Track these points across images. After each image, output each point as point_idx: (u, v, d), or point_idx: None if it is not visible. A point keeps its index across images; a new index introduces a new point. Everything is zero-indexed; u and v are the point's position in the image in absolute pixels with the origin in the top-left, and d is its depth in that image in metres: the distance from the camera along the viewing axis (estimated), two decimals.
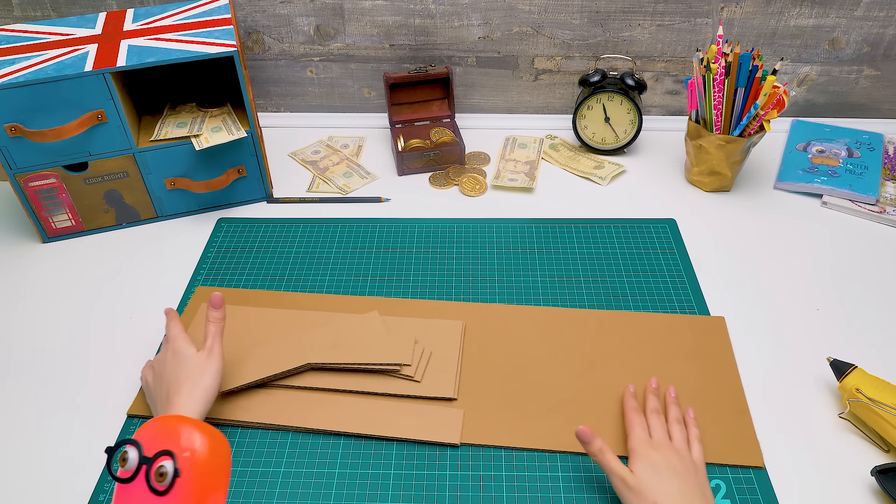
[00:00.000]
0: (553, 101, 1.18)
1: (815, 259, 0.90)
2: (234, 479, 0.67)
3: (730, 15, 1.06)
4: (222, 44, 0.89)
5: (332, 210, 1.00)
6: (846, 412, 0.71)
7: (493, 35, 1.10)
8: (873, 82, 1.12)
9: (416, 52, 1.13)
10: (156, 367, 0.71)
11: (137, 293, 0.88)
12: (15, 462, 0.70)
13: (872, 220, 0.96)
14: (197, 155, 0.94)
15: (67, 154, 0.89)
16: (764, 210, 0.98)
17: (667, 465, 0.62)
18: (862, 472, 0.66)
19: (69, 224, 0.95)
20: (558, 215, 0.98)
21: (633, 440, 0.65)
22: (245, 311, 0.82)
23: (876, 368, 0.74)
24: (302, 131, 1.17)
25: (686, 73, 1.12)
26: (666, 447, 0.64)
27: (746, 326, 0.81)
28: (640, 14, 1.07)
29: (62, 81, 0.83)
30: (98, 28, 0.94)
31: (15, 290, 0.89)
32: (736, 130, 0.95)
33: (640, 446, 0.64)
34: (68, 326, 0.84)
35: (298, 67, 1.15)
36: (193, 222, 0.99)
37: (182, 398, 0.63)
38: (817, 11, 1.05)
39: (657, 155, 1.10)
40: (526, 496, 0.65)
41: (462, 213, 0.99)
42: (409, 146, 1.07)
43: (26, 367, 0.79)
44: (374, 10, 1.08)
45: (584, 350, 0.78)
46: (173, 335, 0.70)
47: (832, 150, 1.06)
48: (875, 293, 0.85)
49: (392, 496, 0.66)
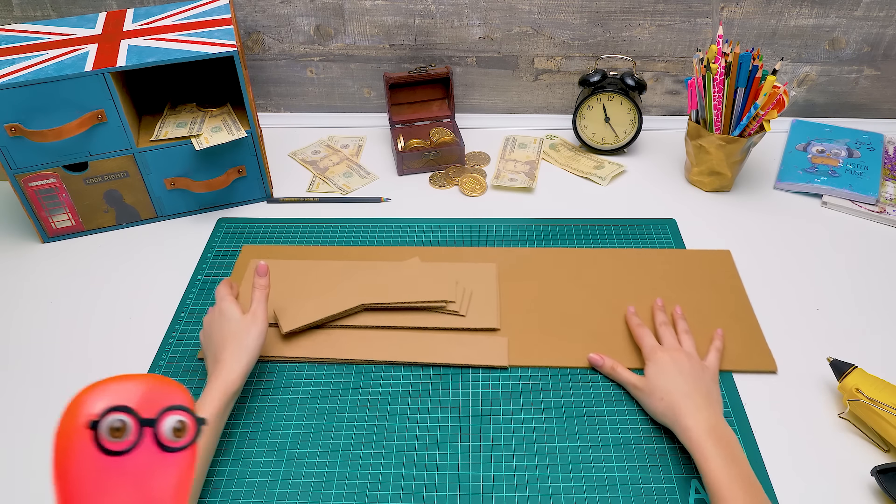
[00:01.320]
0: (553, 101, 1.18)
1: (815, 259, 0.90)
2: (234, 479, 0.67)
3: (730, 15, 1.06)
4: (222, 44, 0.89)
5: (332, 210, 1.00)
6: (846, 412, 0.71)
7: (493, 35, 1.10)
8: (873, 82, 1.12)
9: (416, 52, 1.13)
10: (206, 326, 0.75)
11: (137, 293, 0.88)
12: (15, 463, 0.70)
13: (872, 220, 0.96)
14: (197, 155, 0.94)
15: (67, 154, 0.89)
16: (764, 210, 0.98)
17: (674, 365, 0.69)
18: (862, 472, 0.66)
19: (69, 224, 0.95)
20: (558, 215, 0.98)
21: (645, 348, 0.74)
22: (293, 265, 0.88)
23: (876, 368, 0.74)
24: (302, 131, 1.17)
25: (686, 73, 1.12)
26: (675, 350, 0.72)
27: None
28: (640, 14, 1.07)
29: (62, 81, 0.83)
30: (98, 28, 0.94)
31: (15, 290, 0.89)
32: (736, 130, 0.95)
33: (651, 352, 0.72)
34: (68, 326, 0.84)
35: (298, 67, 1.15)
36: (193, 222, 0.99)
37: (228, 355, 0.69)
38: (817, 11, 1.05)
39: (657, 155, 1.10)
40: (526, 496, 0.65)
41: (462, 213, 0.99)
42: (409, 146, 1.07)
43: (26, 368, 0.79)
44: (374, 10, 1.08)
45: (604, 284, 0.86)
46: (220, 296, 0.75)
47: (832, 150, 1.06)
48: (875, 293, 0.85)
49: (392, 496, 0.66)
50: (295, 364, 0.78)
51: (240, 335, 0.70)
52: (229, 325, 0.71)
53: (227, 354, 0.69)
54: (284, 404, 0.74)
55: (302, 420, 0.73)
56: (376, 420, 0.73)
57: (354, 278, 0.84)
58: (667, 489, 0.66)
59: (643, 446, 0.69)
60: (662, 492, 0.65)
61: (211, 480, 0.67)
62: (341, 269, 0.88)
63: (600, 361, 0.74)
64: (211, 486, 0.67)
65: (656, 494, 0.65)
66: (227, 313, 0.72)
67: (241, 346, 0.70)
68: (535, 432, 0.71)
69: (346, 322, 0.80)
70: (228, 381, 0.67)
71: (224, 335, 0.71)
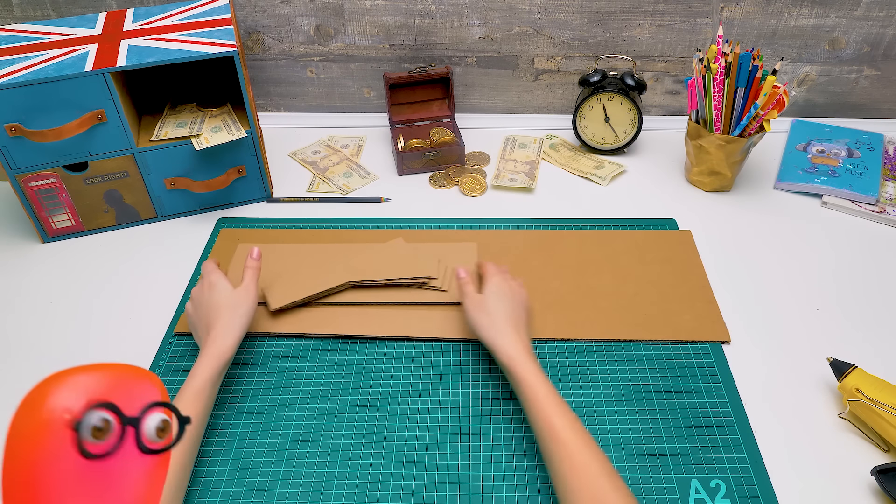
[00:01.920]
0: (553, 101, 1.18)
1: (815, 259, 0.90)
2: (234, 479, 0.67)
3: (730, 15, 1.06)
4: (222, 44, 0.89)
5: (332, 210, 1.00)
6: (846, 412, 0.71)
7: (493, 35, 1.10)
8: (873, 82, 1.12)
9: (416, 52, 1.13)
10: (194, 298, 0.76)
11: (137, 293, 0.88)
12: None
13: (872, 220, 0.96)
14: (197, 155, 0.94)
15: (67, 154, 0.89)
16: (764, 210, 0.98)
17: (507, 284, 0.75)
18: (862, 472, 0.66)
19: (69, 224, 0.95)
20: (558, 215, 0.98)
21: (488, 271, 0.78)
22: (280, 248, 0.91)
23: (876, 368, 0.73)
24: (302, 131, 1.17)
25: (686, 73, 1.12)
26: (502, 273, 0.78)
27: (746, 326, 0.81)
28: (640, 14, 1.07)
29: (62, 81, 0.83)
30: (98, 28, 0.94)
31: (15, 290, 0.89)
32: (736, 130, 0.95)
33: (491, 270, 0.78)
34: (68, 326, 0.84)
35: (298, 67, 1.15)
36: (193, 222, 0.99)
37: (222, 324, 0.71)
38: (817, 11, 1.05)
39: (657, 155, 1.10)
40: (526, 496, 0.65)
41: (462, 213, 0.99)
42: (409, 146, 1.07)
43: (26, 368, 0.79)
44: (374, 10, 1.08)
45: (572, 261, 0.90)
46: (208, 271, 0.76)
47: (832, 150, 1.06)
48: (875, 293, 0.85)
49: (392, 496, 0.66)
50: (295, 364, 0.78)
51: (233, 306, 0.72)
52: (220, 296, 0.73)
53: (220, 324, 0.71)
54: (284, 404, 0.74)
55: (302, 420, 0.73)
56: (376, 420, 0.73)
57: (340, 258, 0.86)
58: (667, 489, 0.66)
59: (643, 446, 0.69)
60: (662, 492, 0.65)
61: (211, 480, 0.67)
62: (327, 250, 0.91)
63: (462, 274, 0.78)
64: (211, 486, 0.67)
65: (656, 494, 0.65)
66: (217, 285, 0.74)
67: (234, 315, 0.72)
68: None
69: (332, 299, 0.83)
70: (222, 349, 0.69)
71: (217, 306, 0.72)
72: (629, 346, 0.79)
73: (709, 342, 0.79)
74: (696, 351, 0.78)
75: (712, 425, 0.71)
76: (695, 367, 0.77)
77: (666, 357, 0.78)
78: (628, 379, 0.76)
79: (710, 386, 0.75)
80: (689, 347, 0.79)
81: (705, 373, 0.76)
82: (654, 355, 0.78)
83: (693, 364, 0.77)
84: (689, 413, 0.72)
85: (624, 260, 0.89)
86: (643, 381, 0.75)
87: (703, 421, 0.71)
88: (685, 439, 0.70)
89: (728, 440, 0.69)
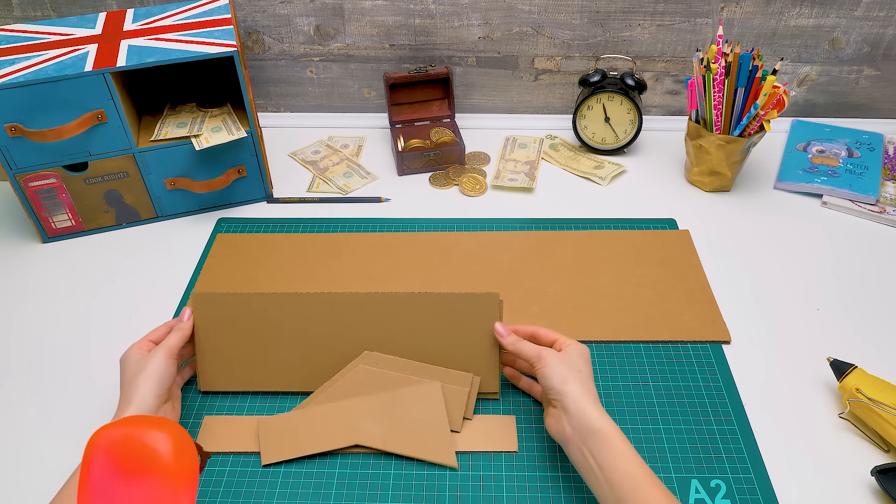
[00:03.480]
0: (553, 101, 1.18)
1: (815, 259, 0.90)
2: (233, 479, 0.67)
3: (730, 15, 1.06)
4: (222, 44, 0.89)
5: (332, 210, 1.00)
6: (846, 412, 0.71)
7: (493, 35, 1.10)
8: (873, 82, 1.12)
9: (416, 52, 1.13)
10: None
11: (137, 293, 0.88)
12: (14, 463, 0.70)
13: (872, 220, 0.96)
14: (197, 155, 0.94)
15: (67, 154, 0.89)
16: (764, 210, 0.98)
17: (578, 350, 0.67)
18: (862, 472, 0.66)
19: (69, 224, 0.95)
20: (558, 215, 0.98)
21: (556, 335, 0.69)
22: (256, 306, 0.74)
23: (876, 368, 0.73)
24: (302, 131, 1.17)
25: (686, 73, 1.12)
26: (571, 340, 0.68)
27: (746, 326, 0.81)
28: (640, 14, 1.07)
29: (62, 81, 0.83)
30: (98, 28, 0.94)
31: (15, 290, 0.89)
32: (736, 130, 0.95)
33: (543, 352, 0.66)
34: (68, 326, 0.84)
35: (298, 67, 1.15)
36: (193, 222, 0.99)
37: (122, 395, 0.66)
38: (817, 11, 1.05)
39: (657, 155, 1.10)
40: (526, 496, 0.65)
41: (462, 213, 0.99)
42: (409, 146, 1.07)
43: (26, 368, 0.79)
44: (374, 10, 1.08)
45: (572, 261, 0.89)
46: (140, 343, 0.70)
47: (832, 150, 1.06)
48: (875, 293, 0.85)
49: (392, 496, 0.66)
50: None
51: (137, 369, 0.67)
52: (128, 363, 0.68)
53: (122, 395, 0.66)
54: (284, 404, 0.74)
55: None
56: None
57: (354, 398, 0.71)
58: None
59: (643, 446, 0.69)
60: None
61: (211, 480, 0.67)
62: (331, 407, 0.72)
63: (503, 332, 0.70)
64: (211, 487, 0.67)
65: None
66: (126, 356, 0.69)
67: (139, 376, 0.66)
68: (535, 432, 0.71)
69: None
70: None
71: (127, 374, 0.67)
72: (629, 347, 0.79)
73: (709, 342, 0.79)
74: (695, 351, 0.78)
75: (712, 425, 0.71)
76: (695, 368, 0.77)
77: (666, 357, 0.78)
78: (628, 379, 0.75)
79: (710, 386, 0.75)
80: (688, 347, 0.79)
81: (705, 373, 0.76)
82: (654, 355, 0.78)
83: (693, 364, 0.77)
84: (689, 413, 0.72)
85: (624, 260, 0.89)
86: (643, 381, 0.75)
87: (703, 421, 0.71)
88: (685, 439, 0.70)
89: (728, 440, 0.69)
